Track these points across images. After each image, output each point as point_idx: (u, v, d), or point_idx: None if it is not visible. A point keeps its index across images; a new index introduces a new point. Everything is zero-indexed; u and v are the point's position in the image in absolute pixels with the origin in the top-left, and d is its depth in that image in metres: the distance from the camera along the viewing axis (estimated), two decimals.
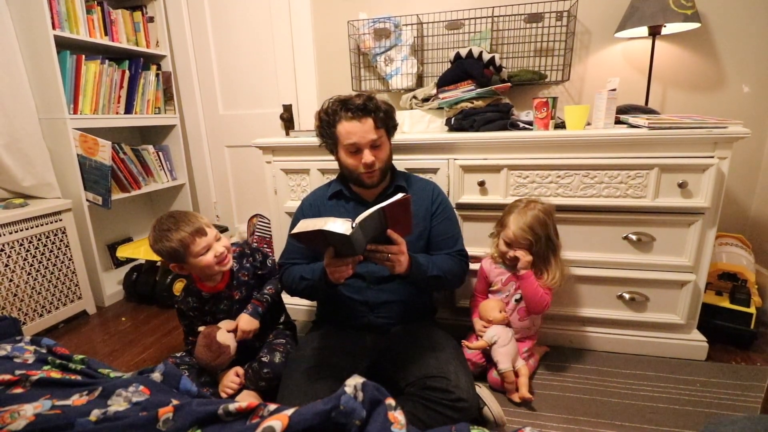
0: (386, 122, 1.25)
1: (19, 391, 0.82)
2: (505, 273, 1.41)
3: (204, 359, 1.25)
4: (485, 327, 1.37)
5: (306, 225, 0.95)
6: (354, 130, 1.21)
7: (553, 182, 1.41)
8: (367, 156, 1.21)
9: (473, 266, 1.44)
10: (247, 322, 1.30)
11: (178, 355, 1.37)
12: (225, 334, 1.27)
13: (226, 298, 1.37)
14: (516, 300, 1.38)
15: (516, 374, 1.29)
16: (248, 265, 1.39)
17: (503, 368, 1.27)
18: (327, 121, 1.26)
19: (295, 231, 0.95)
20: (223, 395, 1.27)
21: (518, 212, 1.33)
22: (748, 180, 1.79)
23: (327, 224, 0.91)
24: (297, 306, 1.78)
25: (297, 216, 1.38)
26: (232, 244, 1.39)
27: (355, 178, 1.27)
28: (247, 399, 1.19)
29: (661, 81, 1.79)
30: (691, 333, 1.46)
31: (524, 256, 1.31)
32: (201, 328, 1.30)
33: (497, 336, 1.32)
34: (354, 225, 0.91)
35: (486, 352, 1.36)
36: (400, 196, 0.95)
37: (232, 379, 1.29)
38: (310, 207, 1.37)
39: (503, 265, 1.42)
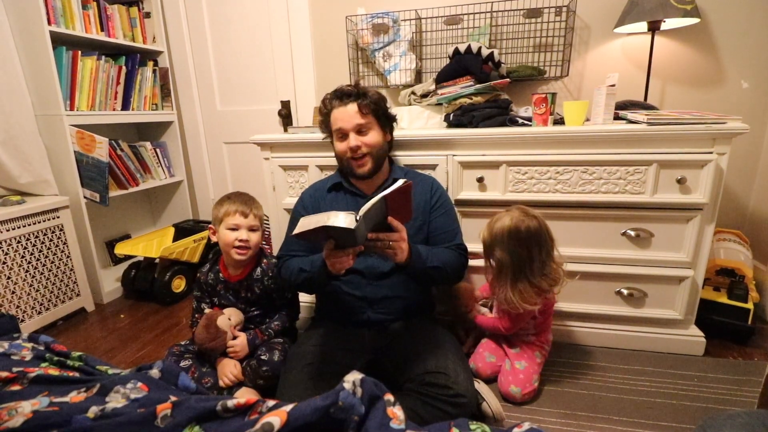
0: (374, 109, 1.24)
1: (16, 388, 0.82)
2: None
3: (201, 339, 1.29)
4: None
5: (309, 222, 0.93)
6: (340, 115, 1.24)
7: (551, 178, 1.41)
8: (352, 139, 1.23)
9: (474, 262, 1.44)
10: (241, 345, 1.33)
11: (183, 343, 1.40)
12: (226, 321, 1.31)
13: (233, 290, 1.42)
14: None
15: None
16: (267, 281, 1.42)
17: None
18: (325, 113, 1.30)
19: (297, 230, 0.93)
20: (222, 383, 1.29)
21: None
22: (747, 175, 1.79)
23: (330, 219, 0.89)
24: None
25: (297, 208, 1.38)
26: (268, 257, 1.47)
27: (346, 167, 1.28)
28: (245, 395, 1.19)
29: (660, 76, 1.79)
30: (689, 328, 1.47)
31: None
32: (207, 310, 1.36)
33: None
34: (358, 218, 0.90)
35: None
36: (401, 182, 0.96)
37: (231, 370, 1.30)
38: (310, 198, 1.37)
39: None
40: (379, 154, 1.27)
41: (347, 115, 1.23)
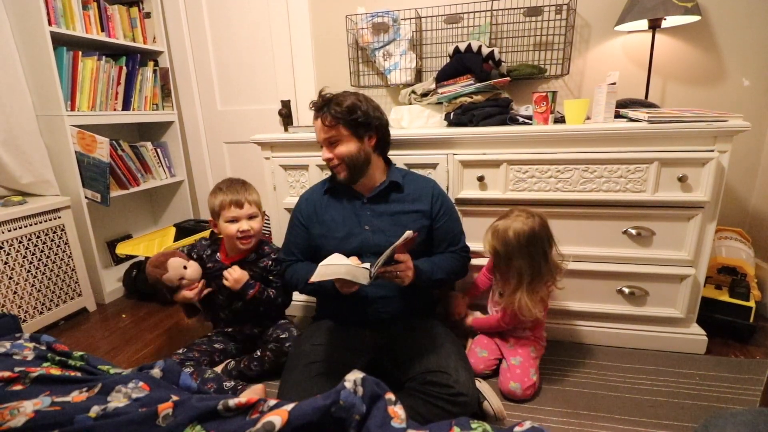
0: (341, 119, 1.21)
1: (18, 388, 0.82)
2: None
3: (148, 271, 1.33)
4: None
5: (326, 272, 1.01)
6: (315, 128, 1.28)
7: (552, 177, 1.40)
8: (323, 152, 1.26)
9: (475, 261, 1.44)
10: (239, 273, 1.36)
11: (181, 351, 1.39)
12: (179, 267, 1.34)
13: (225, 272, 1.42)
14: (500, 293, 1.38)
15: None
16: (263, 265, 1.44)
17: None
18: None
19: (314, 279, 1.00)
20: (189, 294, 1.36)
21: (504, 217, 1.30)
22: (748, 173, 1.78)
23: (347, 274, 1.01)
24: (295, 302, 1.78)
25: (295, 213, 1.39)
26: (270, 245, 1.49)
27: (332, 172, 1.31)
28: (249, 395, 1.19)
29: (661, 74, 1.78)
30: (691, 327, 1.46)
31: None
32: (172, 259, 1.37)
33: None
34: (372, 273, 1.03)
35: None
36: (408, 233, 1.05)
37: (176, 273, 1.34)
38: (307, 202, 1.38)
39: None
40: (355, 163, 1.24)
41: (318, 128, 1.27)
